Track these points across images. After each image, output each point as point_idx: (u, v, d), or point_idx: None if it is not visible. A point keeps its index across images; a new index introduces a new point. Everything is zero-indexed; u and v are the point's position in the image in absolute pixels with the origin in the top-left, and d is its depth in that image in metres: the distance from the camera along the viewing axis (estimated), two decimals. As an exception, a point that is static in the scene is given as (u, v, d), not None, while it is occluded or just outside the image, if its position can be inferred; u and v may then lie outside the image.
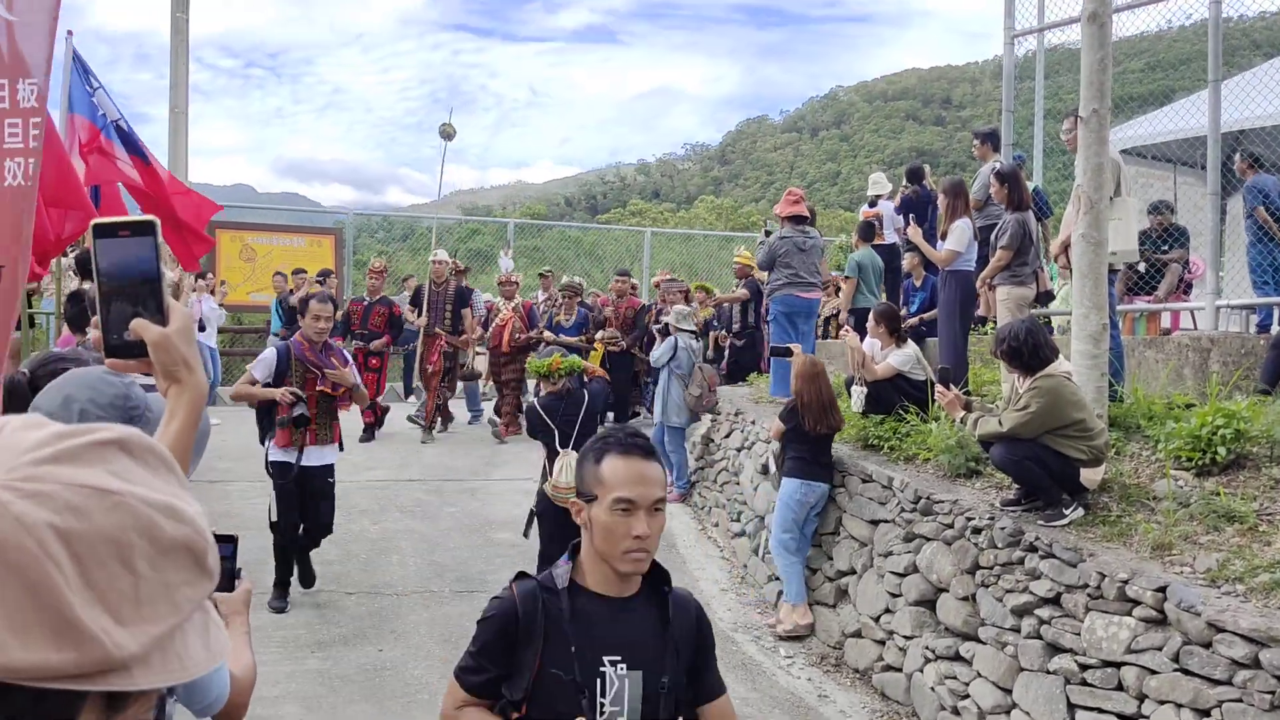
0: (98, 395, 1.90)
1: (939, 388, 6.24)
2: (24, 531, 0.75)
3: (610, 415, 10.58)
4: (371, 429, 12.13)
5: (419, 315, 12.44)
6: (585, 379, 7.12)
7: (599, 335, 12.31)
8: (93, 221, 1.51)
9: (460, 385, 13.58)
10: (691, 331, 10.10)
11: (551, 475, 6.48)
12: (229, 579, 2.49)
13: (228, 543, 2.53)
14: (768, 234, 9.92)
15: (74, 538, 0.78)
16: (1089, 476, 5.57)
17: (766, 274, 9.83)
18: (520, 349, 12.15)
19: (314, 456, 6.79)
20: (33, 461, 0.80)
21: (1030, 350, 5.62)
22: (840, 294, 11.06)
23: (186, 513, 0.86)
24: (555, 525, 6.32)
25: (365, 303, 12.42)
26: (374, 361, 11.98)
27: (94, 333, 3.85)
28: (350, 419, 9.31)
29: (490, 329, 12.64)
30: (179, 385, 1.59)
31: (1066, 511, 5.47)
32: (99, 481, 0.81)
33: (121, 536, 0.80)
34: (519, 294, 13.28)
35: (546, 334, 12.14)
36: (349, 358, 7.34)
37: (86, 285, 7.59)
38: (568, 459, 6.31)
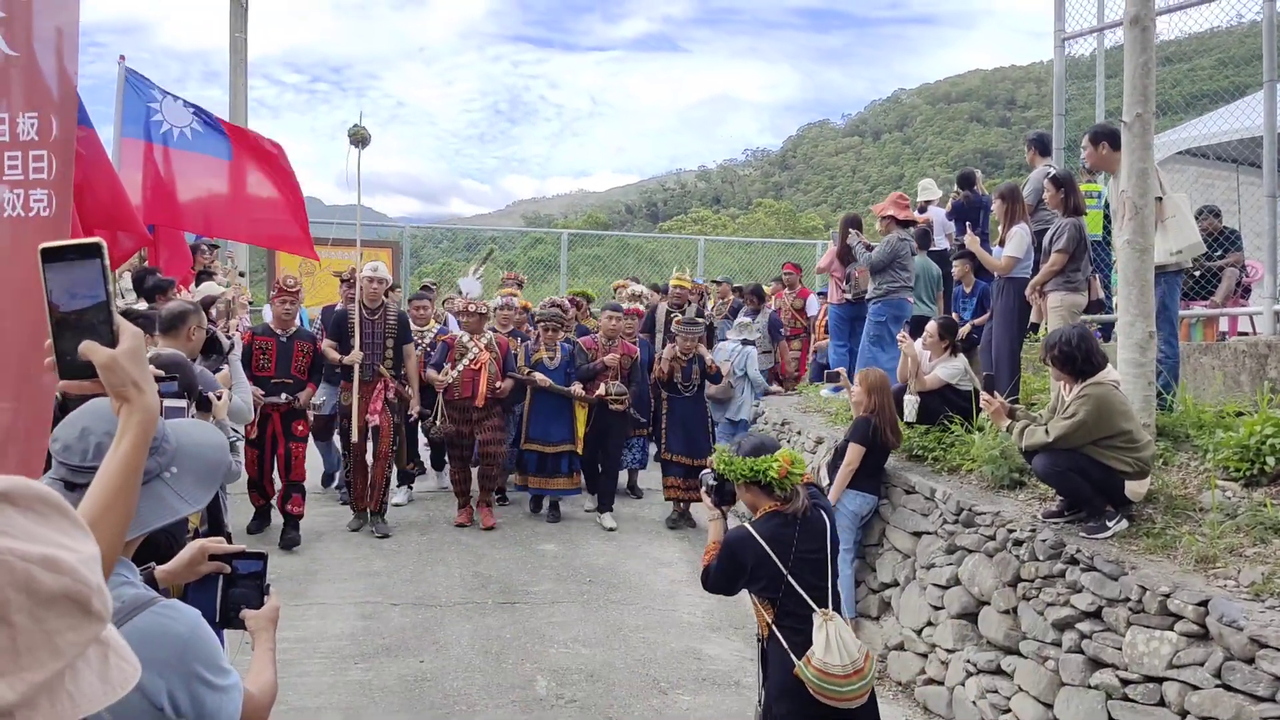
0: (114, 427, 1.95)
1: (984, 396, 6.16)
2: None
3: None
4: (296, 524, 8.58)
5: (350, 349, 8.73)
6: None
7: (603, 391, 9.51)
8: (40, 246, 1.55)
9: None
10: (750, 341, 10.88)
11: (813, 654, 3.93)
12: (259, 595, 2.54)
13: (256, 559, 2.59)
14: (851, 249, 9.77)
15: None
16: (1134, 489, 5.47)
17: (865, 276, 9.65)
18: (499, 400, 9.23)
19: None
20: None
21: (1083, 356, 5.52)
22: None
23: (66, 562, 0.89)
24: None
25: (278, 338, 8.59)
26: (300, 427, 8.59)
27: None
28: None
29: (454, 372, 9.10)
30: (129, 405, 1.63)
31: (1110, 524, 5.38)
32: None
33: None
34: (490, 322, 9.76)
35: (538, 376, 9.33)
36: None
37: (142, 305, 7.78)
38: (835, 627, 3.98)
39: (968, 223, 9.82)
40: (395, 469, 9.63)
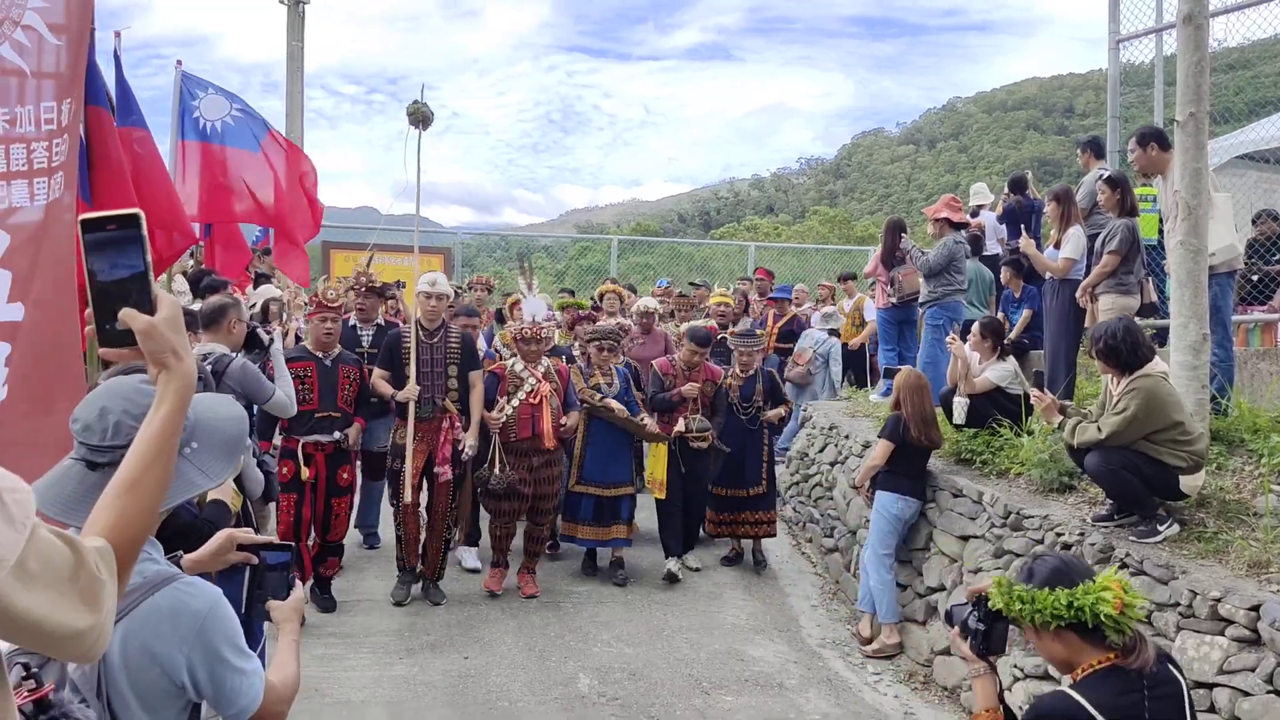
0: (132, 406, 1.96)
1: (1034, 393, 6.09)
2: None
3: None
4: (328, 586, 7.24)
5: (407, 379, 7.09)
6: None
7: (683, 427, 8.02)
8: (81, 217, 1.60)
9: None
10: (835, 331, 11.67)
11: None
12: (285, 587, 2.57)
13: (284, 551, 2.61)
14: (904, 254, 9.71)
15: None
16: (1189, 483, 5.38)
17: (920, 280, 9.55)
18: (563, 440, 7.73)
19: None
20: None
21: (1129, 349, 5.45)
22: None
23: None
24: None
25: (319, 361, 6.95)
26: (345, 475, 7.01)
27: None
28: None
29: (510, 408, 7.37)
30: (167, 372, 1.66)
31: (1161, 528, 5.29)
32: None
33: None
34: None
35: (614, 404, 7.80)
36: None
37: (198, 304, 7.92)
38: None
39: (1021, 226, 9.71)
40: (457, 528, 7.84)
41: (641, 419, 7.88)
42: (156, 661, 1.88)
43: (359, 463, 7.76)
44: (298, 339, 8.83)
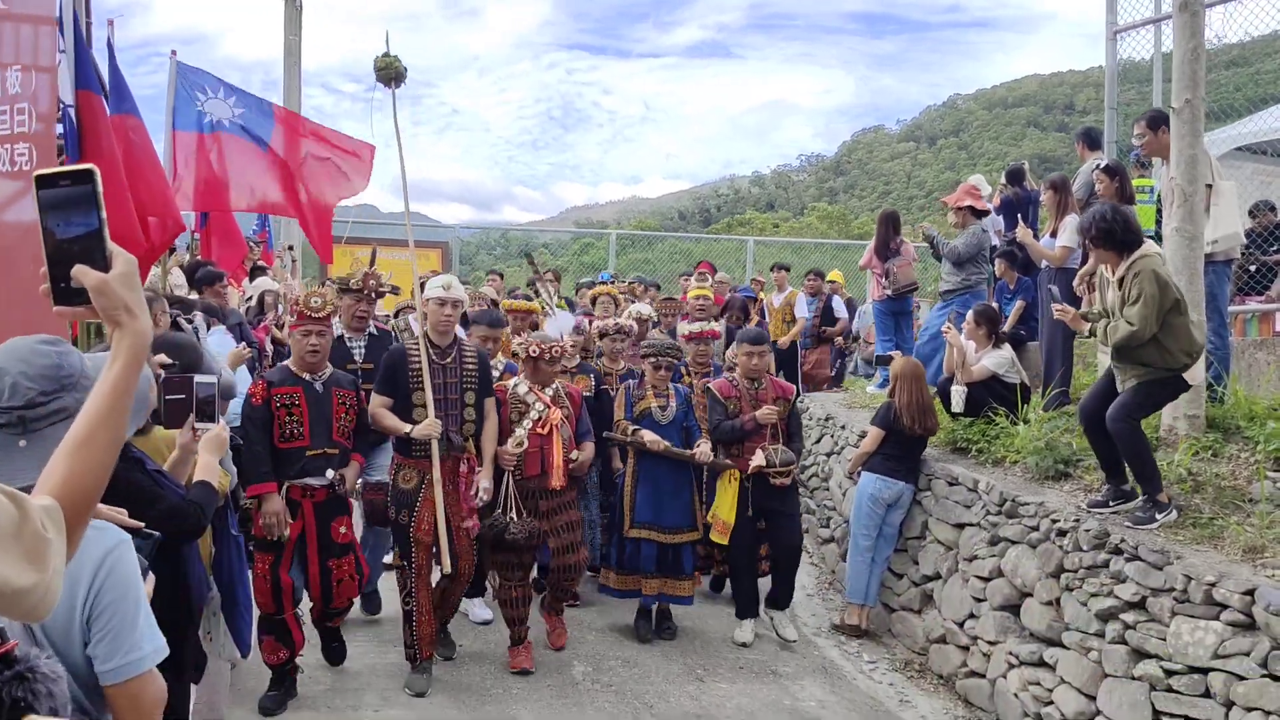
0: (29, 367, 1.95)
1: (1056, 307, 6.01)
2: None
3: None
4: (338, 635, 5.91)
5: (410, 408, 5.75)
6: None
7: (763, 461, 6.55)
8: (35, 173, 1.59)
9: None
10: None
11: None
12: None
13: (145, 538, 2.54)
14: (929, 240, 9.68)
15: None
16: (1194, 376, 5.48)
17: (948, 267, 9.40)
18: (574, 479, 6.45)
19: None
20: None
21: (1122, 228, 5.40)
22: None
23: None
24: None
25: (308, 385, 5.48)
26: (344, 530, 5.53)
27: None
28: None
29: (520, 437, 6.11)
30: (120, 329, 1.64)
31: (1159, 516, 5.26)
32: None
33: None
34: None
35: (646, 435, 6.55)
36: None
37: (194, 295, 7.91)
38: None
39: (1018, 216, 9.68)
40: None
41: (700, 447, 6.57)
42: (68, 582, 1.84)
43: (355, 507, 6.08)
44: (282, 346, 7.94)
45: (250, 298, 9.69)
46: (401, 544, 5.76)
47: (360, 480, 5.87)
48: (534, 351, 6.17)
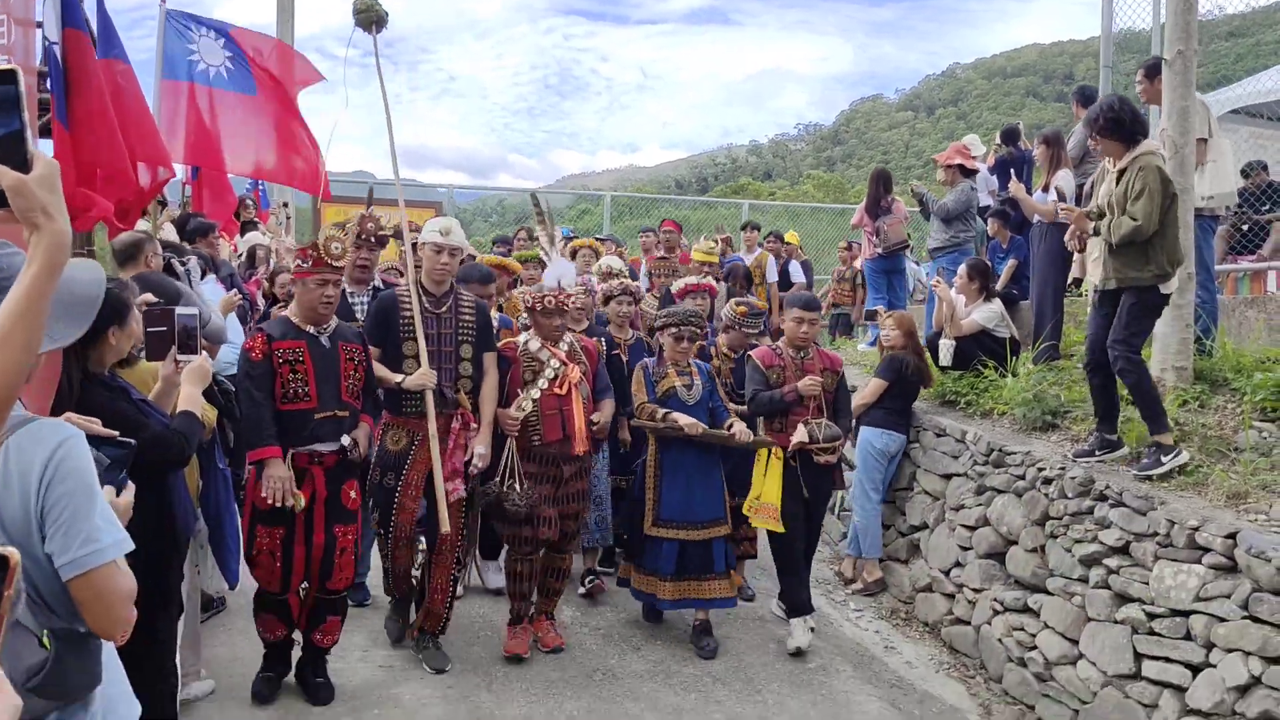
0: None
1: (1062, 206, 5.95)
2: None
3: None
4: (323, 661, 5.08)
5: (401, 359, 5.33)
6: None
7: (806, 437, 5.88)
8: None
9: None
10: None
11: None
12: (118, 489, 2.44)
13: (122, 447, 2.53)
14: (919, 198, 9.66)
15: None
16: (1170, 286, 5.44)
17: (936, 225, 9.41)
18: (593, 442, 5.76)
19: None
20: None
21: (1130, 117, 5.37)
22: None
23: None
24: None
25: (312, 339, 4.85)
26: (354, 494, 4.93)
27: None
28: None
29: (529, 401, 5.51)
30: (38, 232, 1.65)
31: (1165, 459, 5.22)
32: None
33: None
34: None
35: (681, 419, 5.73)
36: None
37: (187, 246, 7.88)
38: None
39: (1012, 173, 9.67)
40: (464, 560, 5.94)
41: (730, 426, 5.84)
42: (21, 477, 1.84)
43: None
44: (274, 300, 7.65)
45: (241, 253, 9.67)
46: (383, 510, 5.27)
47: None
48: (528, 302, 5.65)
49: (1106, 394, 5.59)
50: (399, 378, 5.18)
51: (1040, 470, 5.72)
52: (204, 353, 3.66)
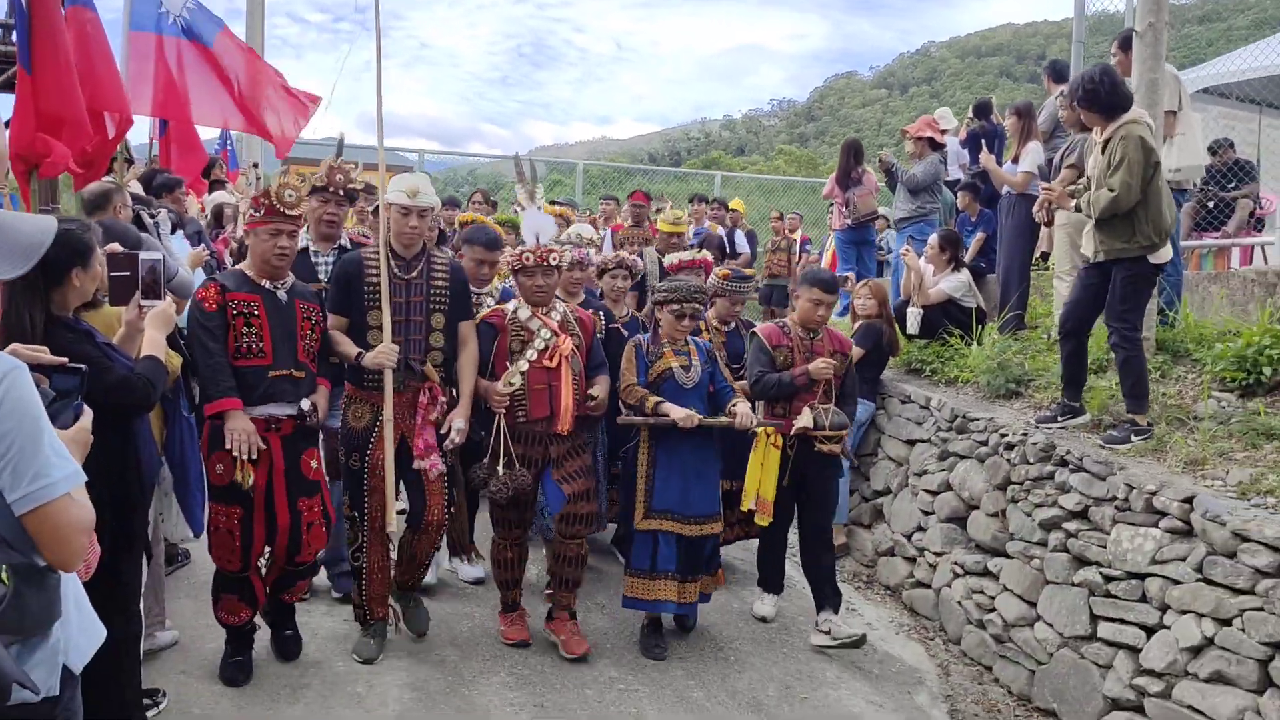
0: None
1: (1043, 185, 5.87)
2: None
3: None
4: (292, 615, 4.96)
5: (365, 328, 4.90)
6: None
7: (810, 422, 5.44)
8: None
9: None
10: None
11: None
12: (72, 417, 2.40)
13: (73, 374, 2.48)
14: (887, 169, 9.68)
15: None
16: (1161, 255, 5.38)
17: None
18: (589, 420, 5.43)
19: None
20: None
21: (1108, 90, 5.32)
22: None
23: None
24: None
25: (267, 294, 4.55)
26: (315, 463, 4.68)
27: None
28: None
29: (518, 375, 5.05)
30: None
31: (1135, 438, 5.26)
32: None
33: None
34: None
35: (674, 410, 5.19)
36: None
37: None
38: None
39: (983, 145, 9.72)
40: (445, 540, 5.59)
41: (734, 409, 5.31)
42: None
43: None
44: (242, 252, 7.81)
45: (207, 212, 9.59)
46: (353, 492, 4.88)
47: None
48: (516, 263, 5.17)
49: (1076, 361, 5.64)
50: (357, 351, 4.75)
51: (1003, 436, 5.79)
52: (169, 297, 3.64)
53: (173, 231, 6.55)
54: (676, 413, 5.14)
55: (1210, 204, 9.21)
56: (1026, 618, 5.28)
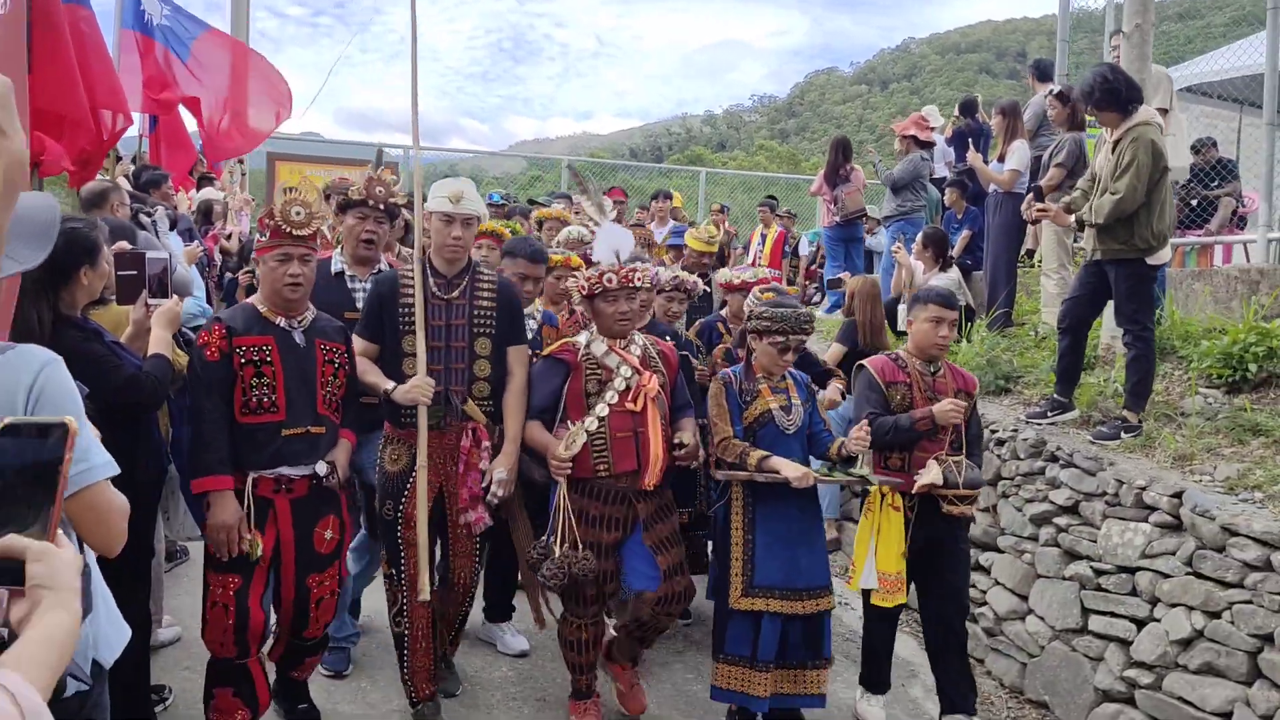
0: None
1: (1038, 206, 5.86)
2: None
3: None
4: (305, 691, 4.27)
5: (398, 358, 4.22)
6: None
7: (937, 479, 4.40)
8: None
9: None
10: None
11: None
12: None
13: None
14: (873, 166, 9.80)
15: None
16: (1160, 257, 5.47)
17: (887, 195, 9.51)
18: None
19: None
20: None
21: (1125, 85, 5.35)
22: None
23: None
24: None
25: (282, 334, 3.83)
26: (330, 534, 3.90)
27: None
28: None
29: (594, 421, 4.18)
30: None
31: (1124, 435, 5.33)
32: None
33: None
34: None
35: (782, 466, 4.16)
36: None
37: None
38: None
39: (970, 144, 9.81)
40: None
41: (841, 449, 4.44)
42: (6, 403, 1.85)
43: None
44: (227, 255, 7.90)
45: (194, 208, 9.58)
46: (389, 545, 4.25)
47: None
48: (583, 289, 4.35)
49: (1073, 357, 5.71)
50: (390, 385, 4.09)
51: (993, 432, 5.86)
52: (175, 296, 3.67)
53: (170, 229, 6.56)
54: (789, 470, 4.14)
55: (1194, 202, 9.31)
56: (1018, 611, 5.36)
